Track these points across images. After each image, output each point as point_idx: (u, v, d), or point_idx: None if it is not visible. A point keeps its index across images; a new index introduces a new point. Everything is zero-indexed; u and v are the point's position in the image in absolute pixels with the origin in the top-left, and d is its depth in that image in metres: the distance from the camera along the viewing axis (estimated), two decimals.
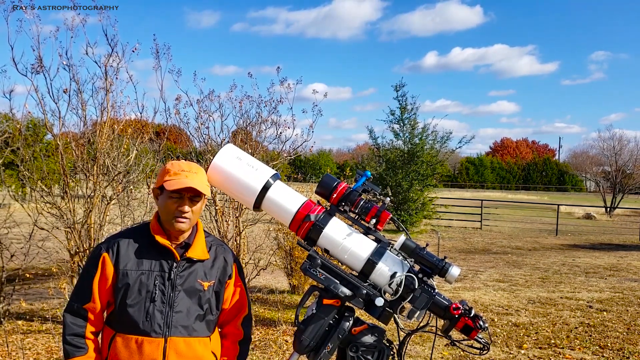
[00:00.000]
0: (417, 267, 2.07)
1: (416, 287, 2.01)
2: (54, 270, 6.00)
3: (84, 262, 4.50)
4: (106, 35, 5.74)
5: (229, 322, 2.20)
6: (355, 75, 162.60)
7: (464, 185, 64.14)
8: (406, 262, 2.06)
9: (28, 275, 6.63)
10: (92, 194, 5.60)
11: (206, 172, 2.15)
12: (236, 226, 6.42)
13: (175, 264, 2.02)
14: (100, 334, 2.08)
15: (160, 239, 2.02)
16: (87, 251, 5.51)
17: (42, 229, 5.61)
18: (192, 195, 2.02)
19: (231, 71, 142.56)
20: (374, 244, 2.09)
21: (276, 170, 2.41)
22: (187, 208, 2.01)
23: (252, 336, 2.37)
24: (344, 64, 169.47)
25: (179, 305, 2.00)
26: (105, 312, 2.07)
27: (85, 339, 2.01)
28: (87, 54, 5.70)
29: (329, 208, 2.13)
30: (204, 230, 2.18)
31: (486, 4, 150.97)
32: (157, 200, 2.08)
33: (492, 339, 5.90)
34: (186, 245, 2.07)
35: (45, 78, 5.50)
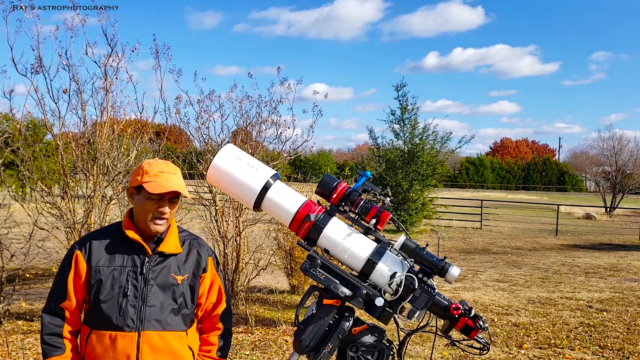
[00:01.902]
0: (417, 267, 2.07)
1: (416, 287, 2.01)
2: (54, 270, 5.99)
3: None
4: (106, 35, 5.75)
5: (207, 317, 2.20)
6: (356, 76, 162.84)
7: (464, 185, 64.13)
8: (406, 262, 2.07)
9: (28, 275, 6.63)
10: (92, 194, 5.60)
11: (206, 172, 2.16)
12: (236, 226, 6.41)
13: (147, 259, 2.03)
14: (79, 333, 2.09)
15: (131, 234, 2.03)
16: None
17: (42, 229, 5.61)
18: (172, 196, 2.04)
19: (233, 71, 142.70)
20: (374, 244, 2.09)
21: (276, 170, 2.42)
22: (167, 209, 2.02)
23: (250, 335, 2.37)
24: (345, 64, 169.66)
25: (152, 299, 2.01)
26: (82, 311, 2.08)
27: (63, 338, 2.03)
28: (86, 54, 5.70)
29: (329, 208, 2.13)
30: (178, 226, 2.19)
31: (488, 5, 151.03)
32: (132, 199, 2.08)
33: (492, 339, 5.90)
34: (158, 240, 2.08)
35: (45, 78, 5.51)
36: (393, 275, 2.02)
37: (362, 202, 2.08)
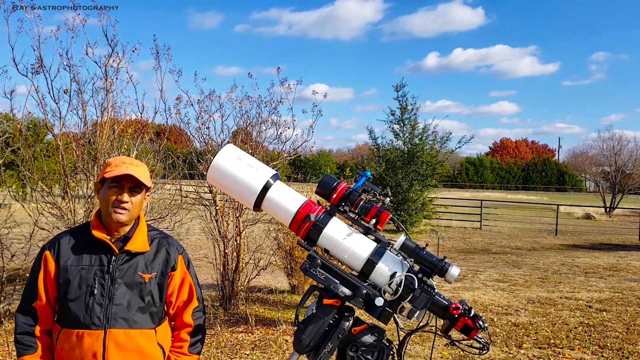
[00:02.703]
0: (416, 267, 2.08)
1: (416, 287, 2.01)
2: None
3: None
4: (106, 35, 5.75)
5: (178, 314, 2.22)
6: (357, 76, 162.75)
7: (463, 186, 64.13)
8: (406, 262, 2.07)
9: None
10: (93, 194, 5.61)
11: (206, 172, 2.17)
12: (236, 226, 6.42)
13: (114, 258, 2.05)
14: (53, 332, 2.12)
15: (97, 233, 2.06)
16: None
17: (43, 229, 5.62)
18: (132, 185, 2.06)
19: (234, 72, 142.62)
20: (374, 244, 2.09)
21: (276, 170, 2.42)
22: (126, 197, 2.04)
23: (250, 335, 2.39)
24: (345, 64, 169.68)
25: (118, 297, 2.03)
26: (54, 310, 2.10)
27: (35, 337, 2.06)
28: (87, 54, 5.71)
29: (329, 208, 2.13)
30: (150, 225, 2.22)
31: (488, 5, 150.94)
32: (98, 194, 2.11)
33: (492, 338, 5.91)
34: (126, 239, 2.10)
35: (46, 78, 5.52)
36: (393, 275, 2.02)
37: (362, 202, 2.08)
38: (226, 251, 6.41)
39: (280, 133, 6.69)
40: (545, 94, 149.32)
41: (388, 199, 2.14)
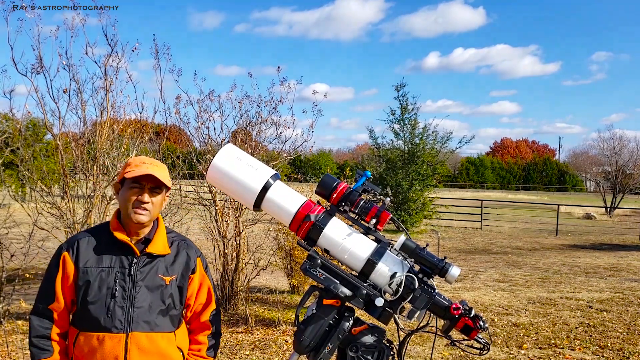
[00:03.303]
0: (417, 267, 2.07)
1: (416, 287, 2.01)
2: None
3: None
4: (106, 35, 5.74)
5: (196, 317, 2.21)
6: (357, 76, 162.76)
7: (464, 186, 64.13)
8: (406, 262, 2.06)
9: (28, 276, 6.62)
10: (92, 194, 5.60)
11: (206, 172, 2.16)
12: (236, 226, 6.41)
13: (135, 260, 2.03)
14: (68, 335, 2.08)
15: (118, 234, 2.03)
16: None
17: (42, 229, 5.61)
18: (153, 186, 2.04)
19: (234, 72, 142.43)
20: (374, 244, 2.08)
21: (276, 170, 2.41)
22: (146, 198, 2.02)
23: (250, 335, 2.39)
24: (346, 64, 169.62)
25: (140, 300, 2.01)
26: (70, 313, 2.07)
27: (51, 340, 2.01)
28: (87, 53, 5.70)
29: (329, 208, 2.12)
30: (167, 227, 2.20)
31: (489, 5, 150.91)
32: (118, 195, 2.09)
33: (492, 339, 5.90)
34: (146, 241, 2.08)
35: (45, 78, 5.50)
36: (393, 276, 2.01)
37: (362, 202, 2.07)
38: (226, 251, 6.40)
39: (280, 133, 6.68)
40: (546, 93, 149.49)
41: (388, 198, 2.13)
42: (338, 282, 2.04)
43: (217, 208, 6.35)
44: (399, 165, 17.76)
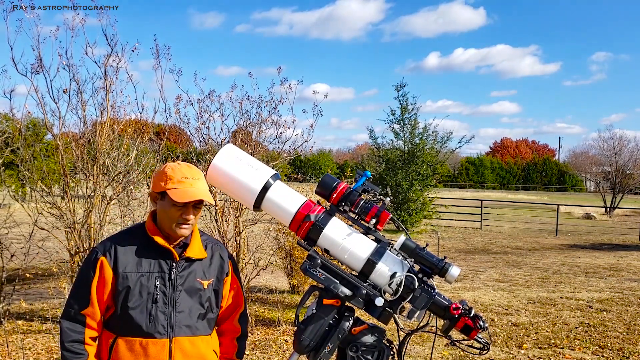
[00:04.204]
0: (417, 267, 2.07)
1: (416, 287, 2.01)
2: (54, 270, 6.00)
3: (80, 265, 4.49)
4: (106, 35, 5.75)
5: (226, 319, 2.21)
6: (357, 76, 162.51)
7: (464, 186, 64.13)
8: (406, 262, 2.06)
9: (28, 275, 6.63)
10: (92, 194, 5.60)
11: (206, 172, 2.15)
12: (236, 226, 6.41)
13: (174, 264, 2.02)
14: (99, 338, 2.06)
15: (159, 240, 2.01)
16: (87, 251, 5.51)
17: (42, 229, 5.61)
18: (197, 202, 2.02)
19: (234, 72, 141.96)
20: (374, 244, 2.09)
21: (276, 170, 2.41)
22: (192, 217, 2.01)
23: (250, 335, 2.39)
24: (346, 64, 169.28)
25: (181, 305, 2.01)
26: (104, 317, 2.05)
27: (85, 344, 1.99)
28: (87, 54, 5.71)
29: (329, 208, 2.13)
30: (199, 229, 2.18)
31: (490, 5, 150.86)
32: (156, 204, 2.06)
33: (492, 339, 5.90)
34: (184, 245, 2.07)
35: (45, 78, 5.51)
36: (393, 275, 2.02)
37: (362, 202, 2.08)
38: None
39: (281, 133, 6.67)
40: (546, 93, 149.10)
41: (388, 198, 2.13)
42: (338, 282, 2.04)
43: (217, 208, 6.35)
44: (398, 165, 17.76)
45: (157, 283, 1.99)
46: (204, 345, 2.07)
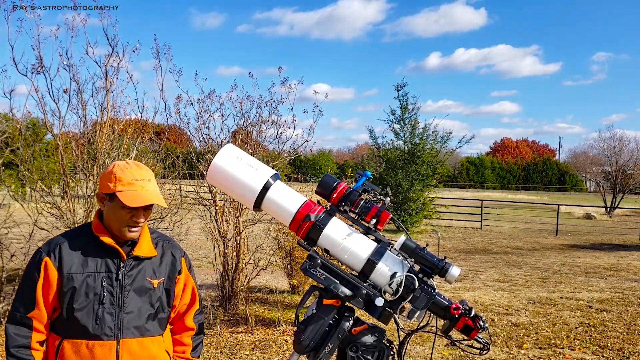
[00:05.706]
0: (417, 267, 2.07)
1: (416, 287, 2.01)
2: None
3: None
4: (106, 35, 5.75)
5: (180, 318, 2.17)
6: (358, 76, 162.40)
7: (464, 185, 64.12)
8: (406, 262, 2.06)
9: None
10: (92, 194, 5.60)
11: (206, 172, 2.15)
12: (236, 226, 6.41)
13: (122, 264, 1.96)
14: (46, 342, 1.99)
15: (106, 239, 1.94)
16: None
17: (42, 229, 5.61)
18: (147, 205, 1.96)
19: (235, 72, 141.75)
20: (374, 244, 2.08)
21: (276, 170, 2.41)
22: (142, 219, 1.96)
23: (250, 335, 2.38)
24: (347, 65, 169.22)
25: (129, 305, 1.95)
26: (50, 319, 1.98)
27: (31, 349, 1.92)
28: (87, 54, 5.71)
29: (329, 208, 2.12)
30: (149, 227, 2.13)
31: (491, 6, 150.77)
32: (103, 205, 1.98)
33: (492, 339, 5.90)
34: (132, 243, 2.00)
35: (46, 78, 5.52)
36: (393, 275, 2.02)
37: (362, 202, 2.07)
38: (226, 251, 6.40)
39: (281, 133, 6.68)
40: (546, 93, 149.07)
41: (388, 198, 2.13)
42: (338, 282, 2.04)
43: (217, 208, 6.35)
44: (399, 165, 17.76)
45: (104, 283, 1.92)
46: (155, 346, 2.01)
